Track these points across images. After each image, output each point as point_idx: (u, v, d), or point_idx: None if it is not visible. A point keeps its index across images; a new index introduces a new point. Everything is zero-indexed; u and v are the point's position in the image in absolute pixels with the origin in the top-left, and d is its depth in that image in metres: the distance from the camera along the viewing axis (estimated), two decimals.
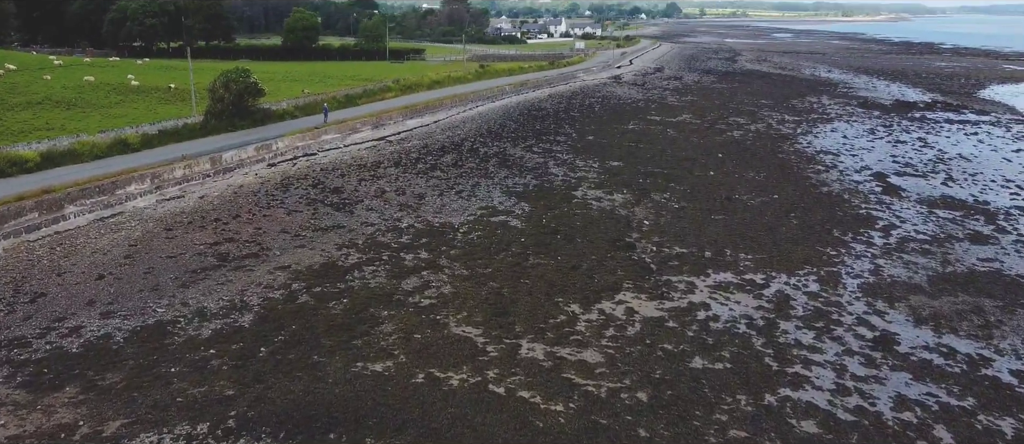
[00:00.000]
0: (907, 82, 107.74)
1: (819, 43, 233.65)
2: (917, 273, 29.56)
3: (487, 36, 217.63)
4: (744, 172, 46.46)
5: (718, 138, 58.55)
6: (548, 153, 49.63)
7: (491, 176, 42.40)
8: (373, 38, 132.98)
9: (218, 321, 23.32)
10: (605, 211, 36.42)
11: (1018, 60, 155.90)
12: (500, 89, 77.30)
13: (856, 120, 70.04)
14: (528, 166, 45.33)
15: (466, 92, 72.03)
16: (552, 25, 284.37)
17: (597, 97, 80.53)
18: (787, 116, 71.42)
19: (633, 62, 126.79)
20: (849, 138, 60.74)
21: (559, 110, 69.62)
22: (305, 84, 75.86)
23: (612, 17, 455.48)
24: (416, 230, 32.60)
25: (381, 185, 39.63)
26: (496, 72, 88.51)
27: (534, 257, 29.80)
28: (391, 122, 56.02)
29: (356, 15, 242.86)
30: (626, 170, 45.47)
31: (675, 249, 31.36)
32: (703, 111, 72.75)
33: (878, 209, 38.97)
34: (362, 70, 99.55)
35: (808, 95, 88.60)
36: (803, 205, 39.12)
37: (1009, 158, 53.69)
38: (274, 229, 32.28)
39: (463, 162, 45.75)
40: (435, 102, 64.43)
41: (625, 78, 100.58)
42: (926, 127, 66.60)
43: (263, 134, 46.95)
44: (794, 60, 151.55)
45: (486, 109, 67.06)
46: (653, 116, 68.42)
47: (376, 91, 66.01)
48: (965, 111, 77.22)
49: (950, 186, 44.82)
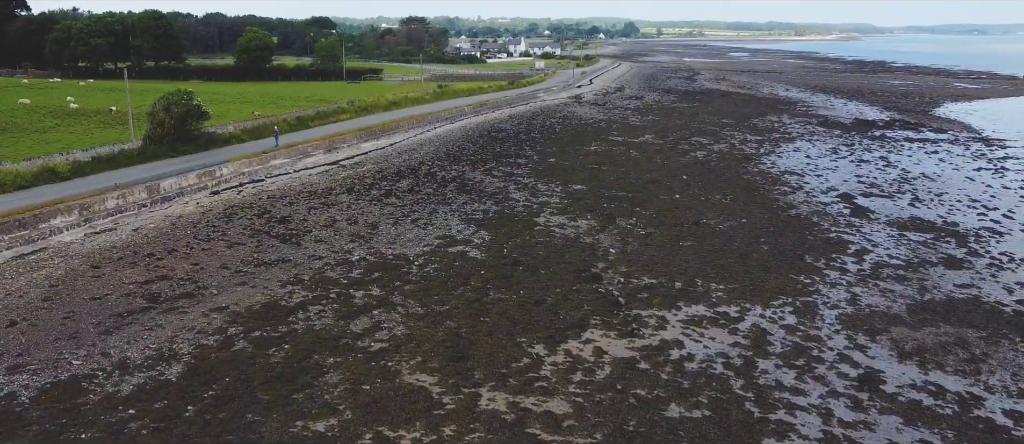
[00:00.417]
0: (864, 100, 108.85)
1: (775, 62, 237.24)
2: (895, 302, 28.30)
3: (446, 56, 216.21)
4: (710, 195, 45.21)
5: (682, 159, 57.45)
6: (509, 177, 47.83)
7: (449, 202, 40.38)
8: (329, 58, 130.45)
9: (141, 374, 20.81)
10: (569, 239, 34.65)
11: (966, 78, 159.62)
12: (459, 110, 75.51)
13: (818, 139, 69.77)
14: (488, 191, 43.43)
15: (424, 113, 70.06)
16: (512, 45, 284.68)
17: (558, 117, 79.20)
18: (749, 136, 70.87)
19: (593, 81, 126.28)
20: (812, 158, 60.21)
21: (520, 131, 68.02)
22: (257, 106, 73.14)
23: (571, 37, 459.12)
24: (368, 263, 30.38)
25: (332, 214, 37.32)
26: (455, 92, 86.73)
27: (495, 291, 27.83)
28: (345, 145, 53.72)
29: (313, 34, 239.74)
30: (590, 194, 43.86)
31: (643, 280, 29.67)
32: (665, 131, 71.85)
33: (848, 232, 37.92)
34: (317, 91, 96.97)
35: (768, 114, 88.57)
36: (772, 229, 37.88)
37: (971, 177, 53.48)
38: (213, 265, 29.76)
39: (420, 187, 43.67)
40: (392, 124, 62.32)
41: (586, 98, 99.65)
42: (887, 146, 66.54)
43: (207, 160, 44.32)
44: (752, 79, 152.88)
45: (445, 131, 65.14)
46: (615, 137, 67.21)
47: (330, 113, 63.66)
48: (923, 129, 77.70)
49: (917, 207, 44.14)
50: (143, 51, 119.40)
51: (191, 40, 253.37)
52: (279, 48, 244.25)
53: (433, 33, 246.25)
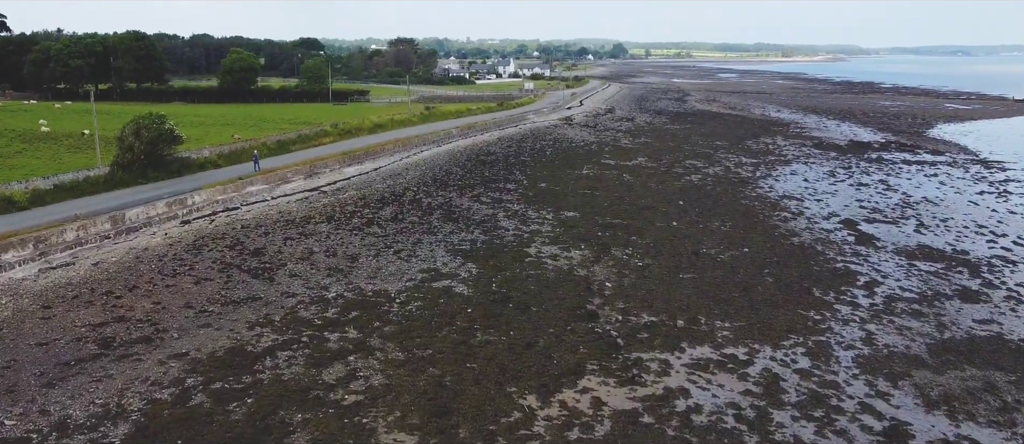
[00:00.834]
0: (857, 121, 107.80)
1: (764, 83, 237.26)
2: (914, 341, 26.26)
3: (435, 77, 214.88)
4: (709, 221, 43.24)
5: (677, 183, 55.57)
6: (498, 203, 45.72)
7: (435, 231, 38.16)
8: (315, 79, 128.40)
9: (81, 437, 18.42)
10: (562, 271, 32.48)
11: (956, 99, 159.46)
12: (447, 132, 73.51)
13: (814, 161, 68.20)
14: (476, 219, 41.27)
15: (410, 136, 67.99)
16: (500, 66, 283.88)
17: (548, 140, 77.36)
18: (744, 158, 69.20)
19: (583, 103, 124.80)
20: (810, 181, 58.51)
21: (509, 154, 66.04)
22: (237, 128, 70.93)
23: (560, 58, 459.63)
24: (346, 301, 28.08)
25: (309, 245, 35.02)
26: (443, 114, 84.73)
27: (482, 332, 25.59)
28: (327, 170, 51.50)
29: (301, 56, 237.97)
30: (583, 221, 41.79)
31: (643, 317, 27.52)
32: (659, 154, 70.08)
33: (855, 262, 35.98)
34: (302, 113, 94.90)
35: (762, 136, 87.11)
36: (776, 259, 35.87)
37: (975, 201, 51.88)
38: (176, 303, 27.38)
39: (404, 215, 41.44)
40: (376, 147, 60.19)
41: (576, 119, 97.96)
42: (885, 168, 65.02)
43: (179, 187, 41.96)
44: (743, 100, 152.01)
45: (431, 154, 63.06)
46: (607, 160, 65.34)
47: (312, 136, 61.46)
48: (920, 151, 76.36)
49: (924, 233, 42.35)
50: (124, 72, 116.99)
51: (177, 62, 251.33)
52: (267, 69, 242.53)
53: (422, 54, 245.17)
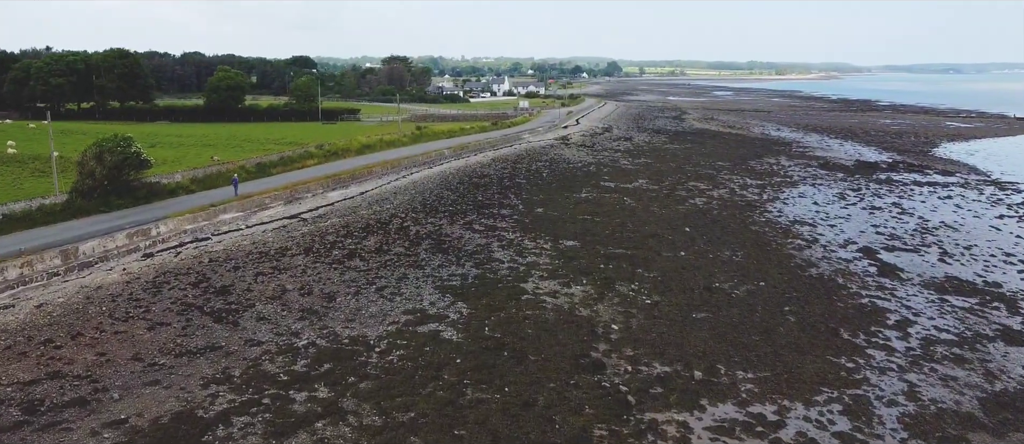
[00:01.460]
0: (859, 140, 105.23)
1: (761, 101, 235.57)
2: (963, 395, 23.09)
3: (429, 95, 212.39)
4: (718, 251, 40.11)
5: (680, 207, 52.51)
6: (491, 231, 42.52)
7: (422, 265, 34.89)
8: (305, 97, 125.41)
9: None
10: (562, 311, 29.25)
11: (956, 117, 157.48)
12: (438, 153, 70.47)
13: (821, 183, 65.29)
14: (467, 249, 38.04)
15: (400, 157, 64.90)
16: (495, 84, 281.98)
17: (544, 161, 74.37)
18: (749, 180, 66.26)
19: (580, 122, 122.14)
20: (820, 205, 55.54)
21: (503, 177, 62.96)
22: (219, 150, 67.74)
23: (555, 76, 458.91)
24: (318, 350, 24.77)
25: (283, 281, 31.72)
26: (435, 134, 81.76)
27: (473, 388, 22.32)
28: (309, 195, 48.29)
29: (293, 74, 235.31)
30: (583, 252, 38.60)
31: (655, 367, 24.28)
32: (660, 175, 67.10)
33: (881, 297, 32.87)
34: (289, 132, 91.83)
35: (765, 156, 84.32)
36: (795, 294, 32.73)
37: (997, 226, 48.95)
38: (124, 354, 24.03)
39: (389, 246, 38.18)
40: (363, 170, 57.04)
41: (573, 139, 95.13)
42: (897, 190, 62.15)
43: (143, 215, 38.68)
44: (741, 118, 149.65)
45: (422, 176, 59.93)
46: (607, 182, 62.30)
47: (295, 158, 58.28)
48: (930, 171, 73.59)
49: (949, 263, 39.31)
50: (108, 91, 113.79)
51: (168, 80, 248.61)
52: (259, 88, 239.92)
53: (415, 72, 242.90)
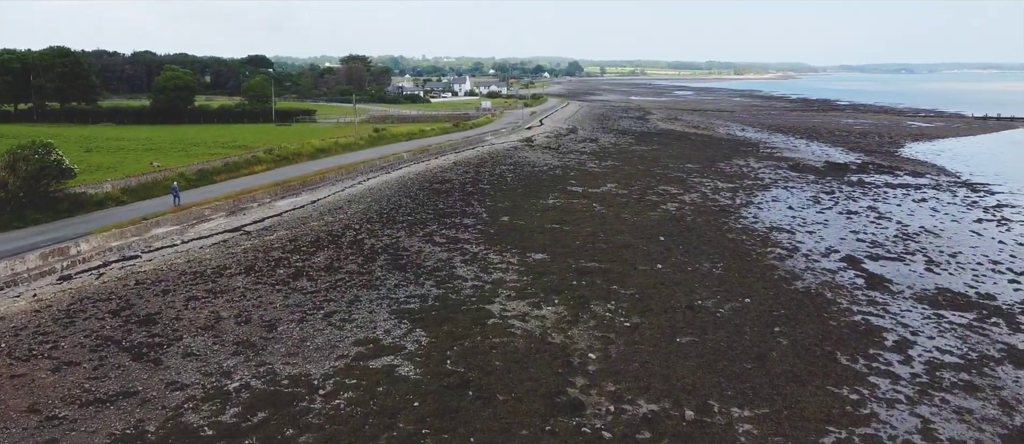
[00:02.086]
0: (825, 141, 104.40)
1: (722, 101, 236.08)
2: (983, 431, 20.69)
3: (388, 95, 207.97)
4: (697, 262, 37.53)
5: (653, 214, 49.95)
6: (454, 243, 39.33)
7: (377, 285, 31.54)
8: (258, 98, 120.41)
9: None
10: (533, 338, 26.22)
11: (916, 116, 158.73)
12: (397, 157, 66.96)
13: (793, 186, 63.45)
14: (428, 265, 34.78)
15: (355, 162, 61.27)
16: (456, 84, 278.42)
17: (509, 164, 71.36)
18: (719, 183, 64.12)
19: (544, 122, 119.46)
20: (796, 209, 53.55)
21: (466, 182, 59.77)
22: (162, 154, 63.31)
23: (517, 76, 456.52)
24: (252, 394, 21.34)
25: (217, 308, 28.13)
26: (394, 136, 78.12)
27: (433, 439, 19.16)
28: (255, 205, 44.52)
29: (248, 74, 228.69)
30: (554, 265, 35.65)
31: (640, 406, 21.41)
32: (628, 179, 64.57)
33: (874, 313, 30.58)
34: (240, 135, 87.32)
35: (733, 157, 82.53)
36: (784, 312, 30.22)
37: (977, 231, 47.38)
38: (18, 405, 20.33)
39: (341, 263, 34.75)
40: (315, 176, 53.35)
41: (537, 141, 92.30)
42: (870, 193, 60.56)
43: (63, 232, 34.63)
44: (705, 118, 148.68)
45: (379, 182, 56.41)
46: (574, 187, 59.52)
47: (242, 164, 54.28)
48: (900, 173, 72.42)
49: (937, 272, 37.34)
50: (47, 91, 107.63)
51: (117, 80, 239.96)
52: (212, 88, 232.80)
53: (375, 72, 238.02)
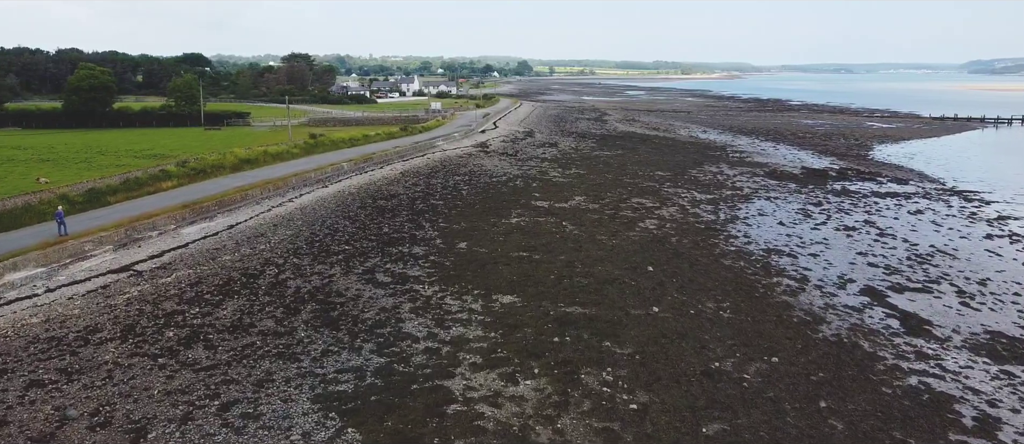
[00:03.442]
0: (791, 143, 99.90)
1: (675, 101, 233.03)
2: None
3: (332, 96, 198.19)
4: (698, 301, 30.91)
5: (632, 234, 43.32)
6: (401, 283, 31.87)
7: (299, 353, 23.89)
8: (187, 99, 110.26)
9: None
10: (511, 438, 19.05)
11: (872, 116, 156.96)
12: (337, 167, 59.00)
13: (776, 196, 57.72)
14: (367, 319, 27.26)
15: (287, 175, 53.14)
16: (404, 84, 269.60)
17: (463, 173, 64.03)
18: (697, 194, 57.98)
19: (498, 125, 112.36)
20: (787, 225, 47.68)
21: (416, 197, 52.25)
22: (59, 167, 54.10)
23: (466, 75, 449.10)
24: None
25: (68, 399, 20.18)
26: (333, 143, 69.78)
27: None
28: (154, 234, 36.27)
29: (183, 73, 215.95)
30: (527, 313, 28.53)
31: None
32: (598, 190, 57.89)
33: (929, 371, 24.42)
34: (161, 141, 78.02)
35: (704, 163, 76.76)
36: (823, 376, 23.75)
37: (995, 251, 42.16)
38: None
39: (254, 317, 26.97)
40: (236, 193, 45.20)
41: (493, 146, 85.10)
42: (860, 204, 55.22)
43: None
44: (663, 119, 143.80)
45: (313, 199, 48.47)
46: (539, 201, 52.53)
47: (145, 180, 45.59)
48: (882, 179, 67.57)
49: (976, 308, 31.58)
50: None
51: (40, 80, 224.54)
52: (144, 88, 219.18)
53: (318, 71, 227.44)
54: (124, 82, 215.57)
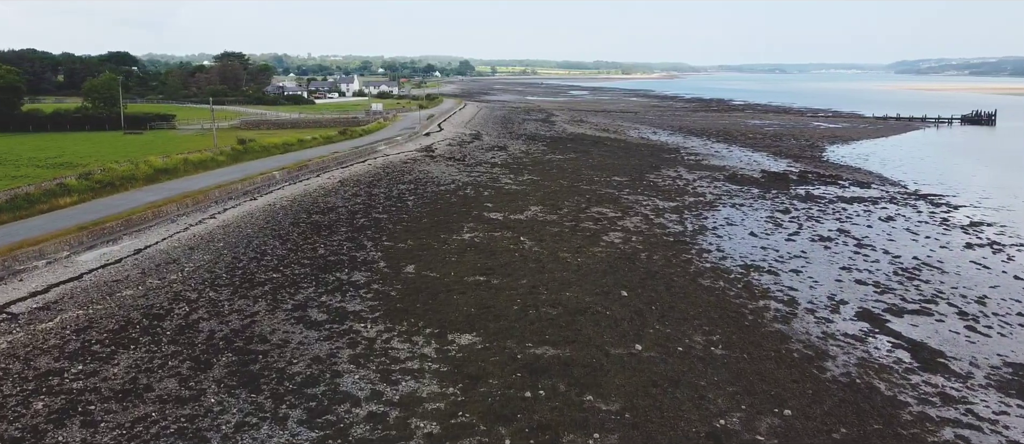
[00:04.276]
0: (744, 145, 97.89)
1: (620, 100, 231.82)
2: None
3: (267, 96, 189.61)
4: (684, 334, 26.93)
5: (597, 250, 39.28)
6: (338, 322, 26.96)
7: (205, 431, 18.71)
8: (105, 100, 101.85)
9: None
10: None
11: (816, 116, 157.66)
12: (267, 176, 53.36)
13: (741, 203, 54.64)
14: (296, 376, 22.29)
15: (209, 186, 47.34)
16: (344, 83, 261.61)
17: (408, 181, 59.09)
18: (659, 201, 54.44)
19: (443, 127, 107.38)
20: (759, 236, 44.48)
21: (356, 210, 47.17)
22: None
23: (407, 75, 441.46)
24: None
25: None
26: (265, 149, 63.89)
27: None
28: (41, 263, 30.42)
29: (108, 72, 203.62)
30: (490, 358, 24.02)
31: None
32: (554, 199, 53.74)
33: (962, 421, 21.01)
34: (73, 147, 70.69)
35: (660, 166, 73.55)
36: (849, 435, 20.02)
37: (981, 263, 39.71)
38: None
39: (153, 377, 21.71)
40: (148, 210, 39.40)
41: (439, 150, 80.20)
42: (828, 210, 52.60)
43: None
44: (611, 120, 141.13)
45: (238, 215, 42.92)
46: (493, 213, 48.06)
47: (38, 197, 39.22)
48: (843, 183, 65.46)
49: (984, 333, 28.59)
50: None
51: None
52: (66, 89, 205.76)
53: (252, 71, 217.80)
54: (43, 82, 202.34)
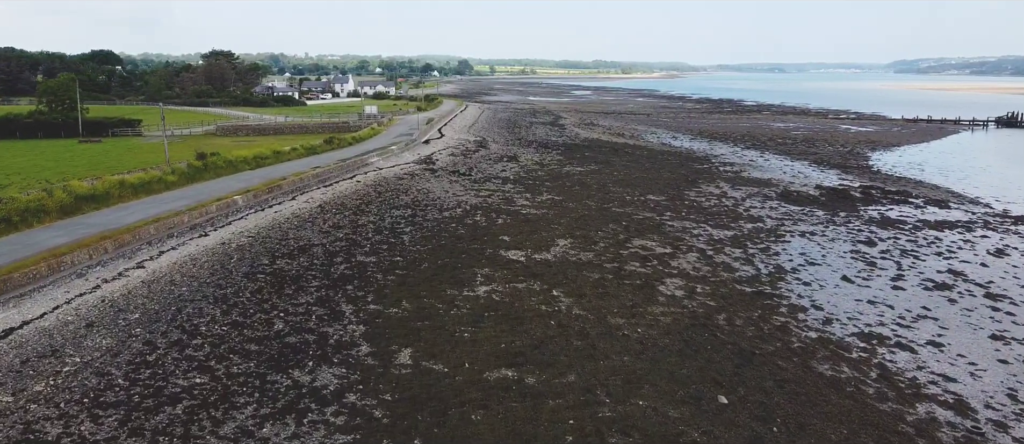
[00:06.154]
0: (778, 152, 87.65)
1: (627, 101, 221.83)
2: None
3: (256, 97, 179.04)
4: None
5: (657, 310, 28.99)
6: None
7: None
8: (62, 103, 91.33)
9: None
10: None
11: (838, 118, 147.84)
12: (227, 202, 42.97)
13: (810, 231, 44.49)
14: None
15: (143, 220, 36.88)
16: (338, 83, 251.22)
17: (404, 204, 48.75)
18: (712, 230, 44.18)
19: (443, 132, 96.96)
20: (856, 283, 34.36)
21: (335, 250, 36.77)
22: None
23: (405, 75, 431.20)
24: None
25: None
26: (230, 164, 53.19)
27: None
28: None
29: (92, 73, 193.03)
30: None
31: None
32: (585, 228, 43.43)
33: None
34: (7, 160, 60.29)
35: (698, 181, 63.29)
36: None
37: None
38: None
39: None
40: (42, 260, 29.00)
41: (440, 160, 69.81)
42: (919, 240, 42.66)
43: None
44: (623, 123, 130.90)
45: (179, 260, 32.52)
46: (512, 251, 37.68)
47: None
48: (916, 201, 55.47)
49: None
50: None
51: None
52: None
53: (241, 70, 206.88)
54: (20, 82, 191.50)
